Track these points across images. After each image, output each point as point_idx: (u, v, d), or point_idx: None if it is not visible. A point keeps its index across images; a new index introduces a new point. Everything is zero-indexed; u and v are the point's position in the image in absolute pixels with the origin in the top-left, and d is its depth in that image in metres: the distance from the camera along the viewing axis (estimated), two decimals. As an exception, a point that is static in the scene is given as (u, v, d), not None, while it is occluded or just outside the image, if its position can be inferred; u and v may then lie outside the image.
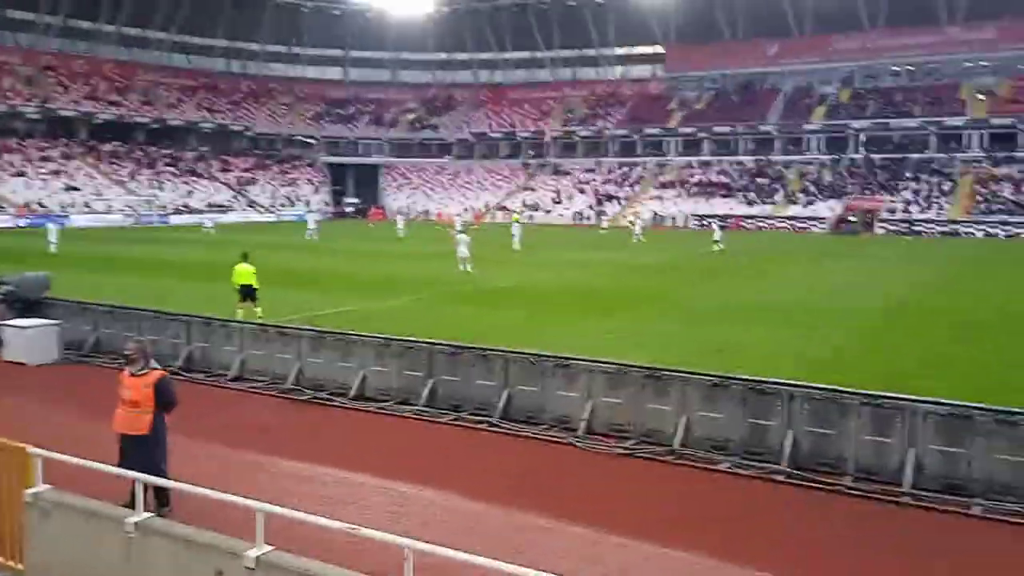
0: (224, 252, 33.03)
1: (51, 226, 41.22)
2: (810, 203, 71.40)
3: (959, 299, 25.57)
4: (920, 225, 63.99)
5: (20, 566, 6.57)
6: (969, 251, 47.22)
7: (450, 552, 5.15)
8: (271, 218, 78.03)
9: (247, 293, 18.92)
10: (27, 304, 16.77)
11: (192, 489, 6.18)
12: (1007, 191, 65.46)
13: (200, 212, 73.61)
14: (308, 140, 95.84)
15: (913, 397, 9.93)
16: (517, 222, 50.75)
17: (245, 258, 19.42)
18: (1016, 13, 73.11)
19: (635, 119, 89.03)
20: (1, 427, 7.95)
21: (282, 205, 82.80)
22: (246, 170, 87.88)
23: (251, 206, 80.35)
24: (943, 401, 9.75)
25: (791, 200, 72.60)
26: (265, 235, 53.34)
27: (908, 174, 71.64)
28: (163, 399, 8.05)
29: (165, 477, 7.69)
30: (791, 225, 68.37)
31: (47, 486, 6.50)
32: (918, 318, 21.53)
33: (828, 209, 69.47)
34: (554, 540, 8.13)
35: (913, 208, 66.72)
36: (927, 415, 9.52)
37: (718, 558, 7.73)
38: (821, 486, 9.59)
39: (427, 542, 5.18)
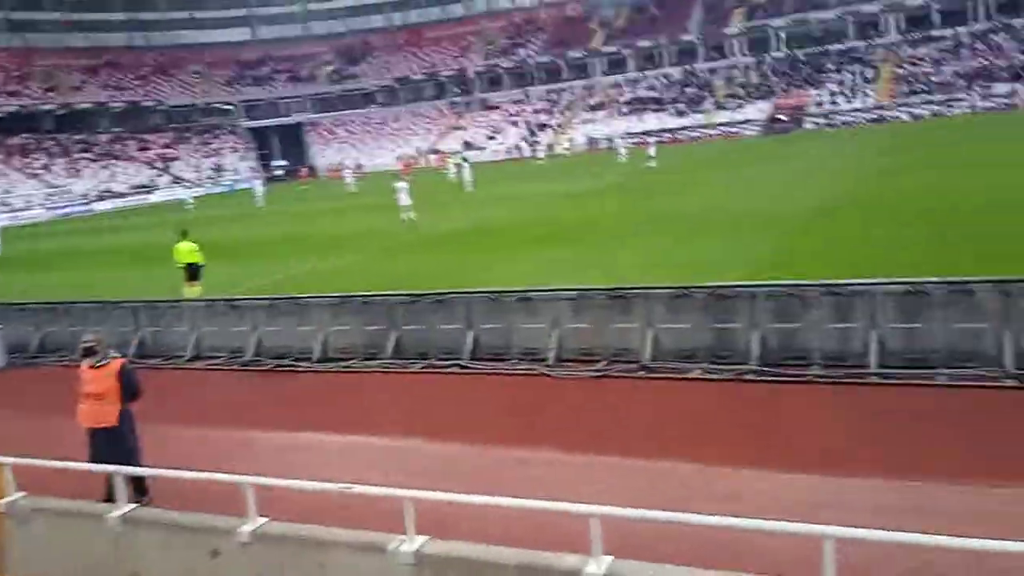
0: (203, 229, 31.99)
1: None
2: (739, 107, 71.80)
3: (891, 185, 26.13)
4: (847, 115, 64.90)
5: (5, 577, 6.38)
6: (889, 141, 48.15)
7: (445, 496, 5.12)
8: (200, 192, 75.77)
9: (193, 271, 18.36)
10: (-39, 313, 16.05)
11: (173, 474, 6.02)
12: (927, 70, 66.61)
13: (124, 196, 71.21)
14: (225, 107, 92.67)
15: (870, 280, 10.14)
16: (456, 164, 50.11)
17: (184, 235, 18.78)
18: None
19: (557, 43, 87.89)
20: (-41, 441, 7.63)
21: (209, 178, 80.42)
22: (166, 146, 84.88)
23: (177, 182, 77.89)
24: (898, 280, 9.98)
25: (721, 106, 72.91)
26: (227, 207, 51.79)
27: (831, 66, 72.33)
28: (129, 388, 7.79)
29: (141, 466, 7.50)
30: (724, 131, 68.79)
31: (21, 494, 6.28)
32: (855, 209, 21.97)
33: (758, 111, 69.95)
34: (536, 470, 8.17)
35: (839, 99, 67.54)
36: (885, 295, 9.74)
37: (702, 462, 7.87)
38: (791, 379, 9.80)
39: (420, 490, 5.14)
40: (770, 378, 9.89)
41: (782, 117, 67.53)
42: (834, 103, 67.33)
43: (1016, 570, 4.48)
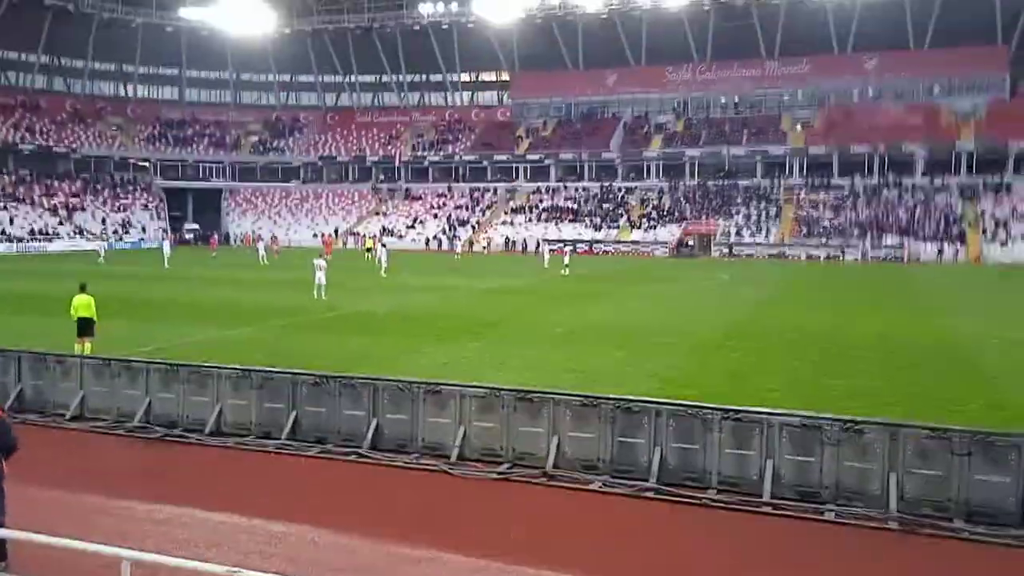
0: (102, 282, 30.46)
1: None
2: (652, 227, 74.70)
3: (793, 317, 27.43)
4: (751, 247, 68.36)
5: None
6: (791, 274, 50.82)
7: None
8: (103, 246, 73.02)
9: (86, 326, 17.51)
10: None
11: (40, 539, 5.57)
12: (826, 216, 71.14)
13: (21, 240, 68.00)
14: (142, 163, 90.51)
15: (769, 410, 10.52)
16: (370, 248, 50.10)
17: (83, 288, 17.96)
18: (825, 48, 79.97)
19: (485, 144, 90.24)
20: None
21: (114, 232, 77.71)
22: (73, 195, 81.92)
23: (79, 233, 74.92)
24: (796, 413, 10.38)
25: (634, 225, 75.69)
26: (133, 264, 49.76)
27: (739, 199, 76.45)
28: (1, 442, 7.28)
29: (3, 527, 6.95)
30: (635, 249, 71.23)
31: None
32: (757, 335, 22.89)
33: (668, 233, 72.93)
34: (432, 569, 7.96)
35: (744, 232, 71.18)
36: (782, 427, 10.09)
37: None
38: (687, 500, 9.93)
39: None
40: (668, 497, 10.00)
41: (690, 242, 70.54)
42: (739, 235, 70.85)
43: None
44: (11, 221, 71.60)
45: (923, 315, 27.94)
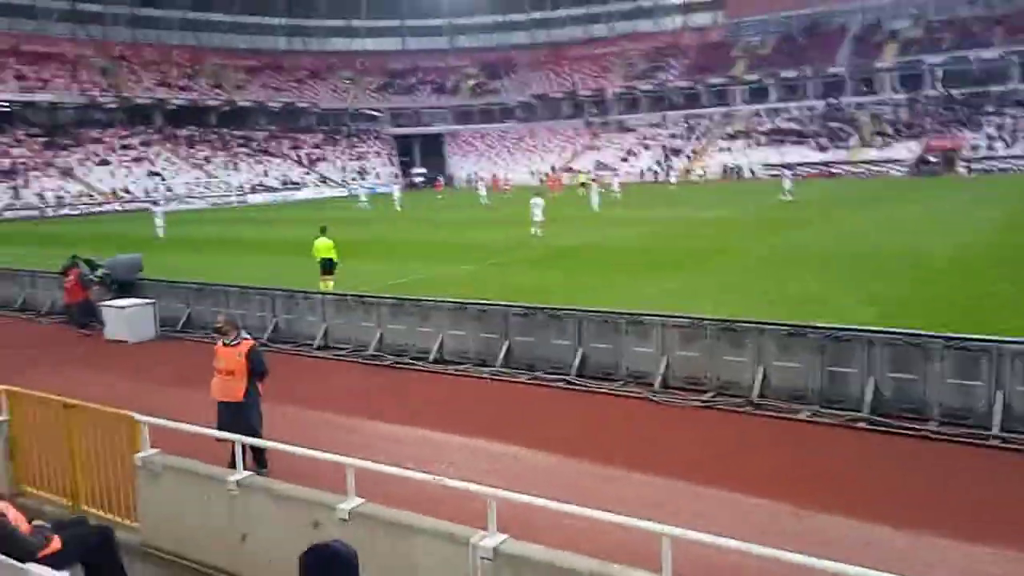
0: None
1: (157, 210, 42.27)
2: (887, 145, 68.87)
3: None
4: (1006, 162, 61.11)
5: (135, 524, 7.09)
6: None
7: (528, 498, 5.36)
8: (343, 192, 79.39)
9: (328, 266, 19.46)
10: (121, 285, 17.63)
11: (287, 448, 6.53)
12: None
13: (275, 190, 75.47)
14: (373, 113, 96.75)
15: (998, 338, 9.70)
16: (584, 183, 50.53)
17: (324, 232, 19.96)
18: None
19: (698, 69, 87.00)
20: (109, 398, 8.49)
21: (352, 179, 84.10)
22: (315, 146, 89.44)
23: (323, 182, 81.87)
24: (1029, 340, 9.50)
25: (866, 143, 70.14)
26: (379, 207, 54.27)
27: (990, 108, 68.32)
28: (255, 367, 8.48)
29: (261, 439, 8.14)
30: (867, 169, 66.15)
31: (155, 450, 6.97)
32: (988, 260, 20.77)
33: (907, 150, 66.91)
34: (634, 489, 8.30)
35: (998, 144, 63.69)
36: (1015, 356, 9.29)
37: (798, 505, 7.76)
38: (906, 432, 9.48)
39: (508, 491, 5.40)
40: (882, 429, 9.61)
41: (932, 159, 64.31)
42: (991, 148, 63.52)
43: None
44: (266, 173, 79.56)
45: None
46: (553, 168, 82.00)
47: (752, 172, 71.01)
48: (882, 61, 76.74)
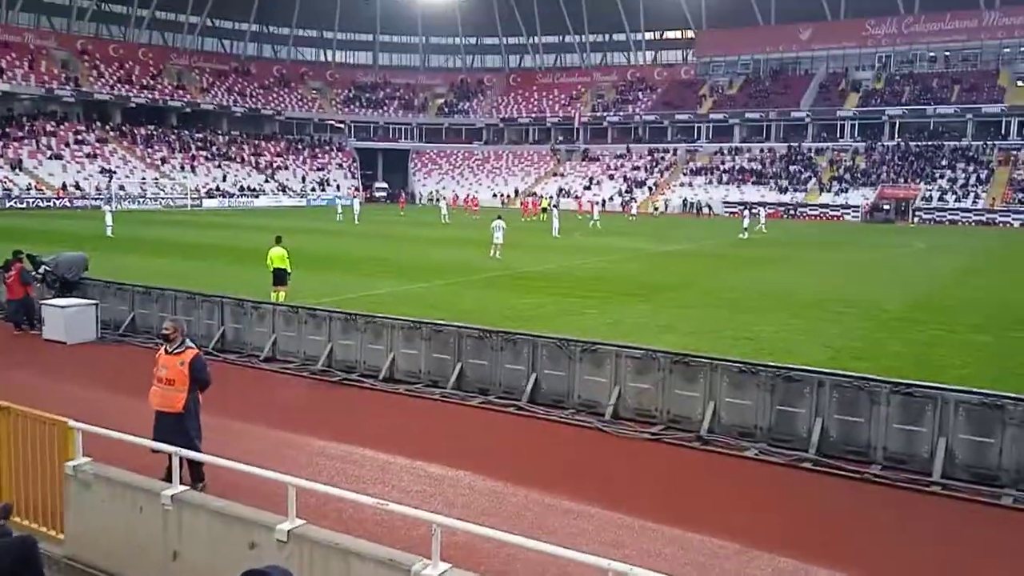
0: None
1: (107, 208, 41.31)
2: (843, 191, 70.51)
3: (989, 289, 25.17)
4: (955, 213, 62.97)
5: (60, 535, 6.78)
6: (997, 242, 46.39)
7: (475, 527, 5.24)
8: (301, 203, 78.65)
9: (280, 276, 19.14)
10: (65, 284, 17.11)
11: (226, 463, 6.32)
12: (1046, 180, 64.19)
13: (231, 195, 74.47)
14: (338, 125, 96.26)
15: (943, 385, 9.86)
16: (546, 209, 50.89)
17: (279, 241, 19.64)
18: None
19: (666, 104, 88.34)
20: (42, 402, 8.15)
21: (312, 190, 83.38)
22: (277, 154, 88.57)
23: (282, 190, 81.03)
24: (974, 390, 9.66)
25: (824, 188, 71.72)
26: (327, 221, 53.70)
27: (944, 162, 70.44)
28: (197, 377, 8.22)
29: (199, 452, 7.87)
30: (823, 213, 67.58)
31: (87, 459, 6.69)
32: (943, 308, 21.25)
33: (861, 197, 68.57)
34: (578, 522, 8.20)
35: (949, 197, 65.62)
36: (958, 404, 9.44)
37: (742, 543, 7.74)
38: (849, 474, 9.56)
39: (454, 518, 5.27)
40: (827, 469, 9.67)
41: (885, 206, 65.98)
42: (942, 199, 65.40)
43: None
44: (224, 178, 78.47)
45: None
46: (517, 191, 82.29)
47: (710, 208, 72.07)
48: (844, 109, 78.73)
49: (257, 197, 76.25)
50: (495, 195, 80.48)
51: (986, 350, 16.03)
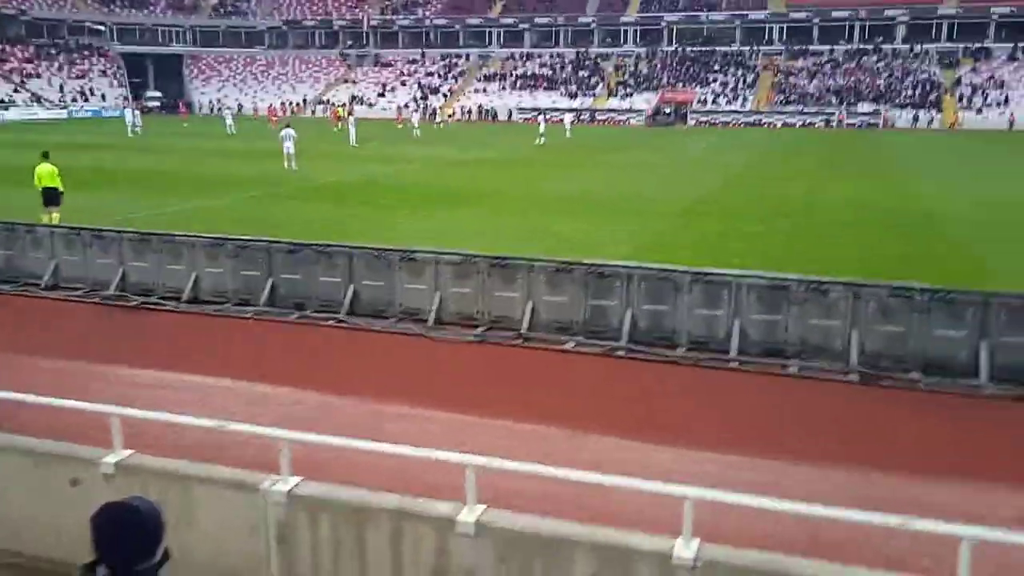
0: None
1: None
2: (628, 95, 73.43)
3: (765, 186, 27.56)
4: (728, 115, 67.67)
5: None
6: (766, 141, 50.62)
7: (319, 438, 5.15)
8: (62, 115, 70.70)
9: (52, 196, 17.21)
10: None
11: (34, 399, 5.74)
12: (803, 82, 70.19)
13: (-26, 109, 65.54)
14: (96, 26, 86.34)
15: (737, 272, 10.76)
16: (342, 118, 49.07)
17: (46, 157, 17.55)
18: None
19: (456, 8, 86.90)
20: None
21: (73, 100, 75.05)
22: (26, 60, 78.43)
23: (37, 101, 72.26)
24: (763, 274, 10.64)
25: (611, 92, 74.30)
26: (98, 134, 48.31)
27: (716, 67, 75.00)
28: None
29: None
30: (611, 117, 70.23)
31: None
32: (725, 204, 23.06)
33: (645, 101, 71.78)
34: (414, 424, 8.29)
35: (721, 99, 70.23)
36: (750, 288, 10.36)
37: (570, 428, 8.19)
38: (658, 358, 10.30)
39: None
40: (639, 356, 10.36)
41: (666, 110, 69.62)
42: (715, 102, 69.95)
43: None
44: (-36, 89, 68.78)
45: (895, 181, 28.20)
46: (305, 99, 78.60)
47: (510, 114, 72.56)
48: (626, 15, 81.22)
49: (7, 109, 67.52)
50: (283, 103, 76.29)
51: (760, 239, 17.61)
